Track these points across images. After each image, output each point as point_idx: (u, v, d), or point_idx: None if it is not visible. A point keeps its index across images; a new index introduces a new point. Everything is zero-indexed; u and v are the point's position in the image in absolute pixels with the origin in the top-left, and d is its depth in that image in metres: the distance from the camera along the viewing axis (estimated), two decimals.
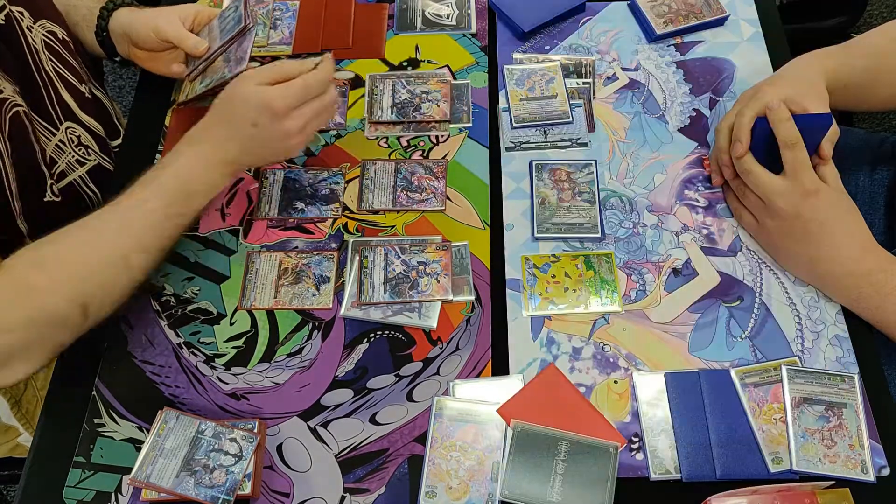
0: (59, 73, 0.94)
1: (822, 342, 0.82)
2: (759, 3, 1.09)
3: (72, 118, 0.97)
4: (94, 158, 1.00)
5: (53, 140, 0.93)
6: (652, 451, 0.76)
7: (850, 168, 1.10)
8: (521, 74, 1.03)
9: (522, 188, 0.94)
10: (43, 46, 0.92)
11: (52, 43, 0.94)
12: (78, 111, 0.97)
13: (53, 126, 0.94)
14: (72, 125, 0.96)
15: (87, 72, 1.03)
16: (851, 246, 0.80)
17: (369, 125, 1.00)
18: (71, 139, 0.96)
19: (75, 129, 0.96)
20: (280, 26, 1.10)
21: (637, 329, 0.83)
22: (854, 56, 0.91)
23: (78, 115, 0.97)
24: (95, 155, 1.01)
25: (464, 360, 0.82)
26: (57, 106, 0.93)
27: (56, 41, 0.95)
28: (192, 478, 0.73)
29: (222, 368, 0.83)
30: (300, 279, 0.88)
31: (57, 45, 0.95)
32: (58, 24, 0.97)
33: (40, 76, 0.92)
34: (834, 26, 1.47)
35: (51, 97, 0.93)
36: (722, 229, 0.90)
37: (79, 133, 0.97)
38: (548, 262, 0.88)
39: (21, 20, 0.90)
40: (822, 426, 0.75)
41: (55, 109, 0.93)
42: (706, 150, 0.96)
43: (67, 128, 0.95)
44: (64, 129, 0.94)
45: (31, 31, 0.91)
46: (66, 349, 0.85)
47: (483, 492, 0.74)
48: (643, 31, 1.08)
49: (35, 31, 0.91)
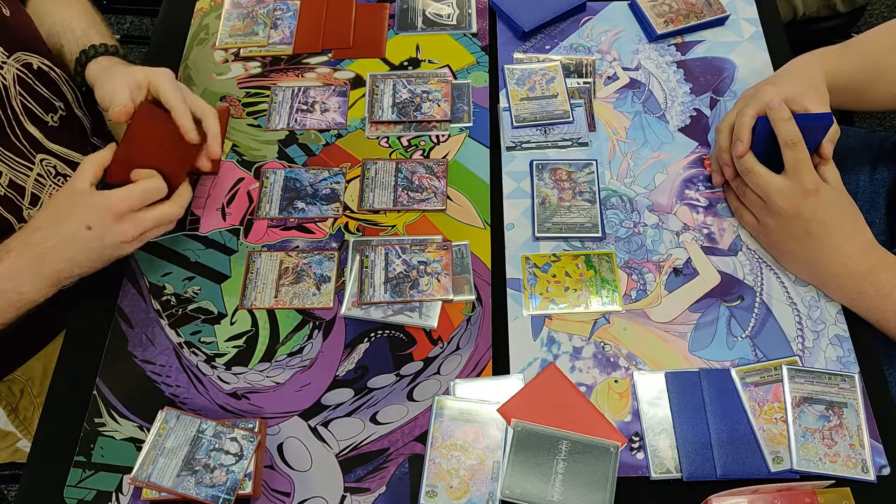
0: (26, 106, 0.91)
1: (822, 342, 0.82)
2: (759, 3, 1.09)
3: (42, 150, 0.93)
4: None
5: (32, 175, 0.91)
6: (652, 451, 0.76)
7: (851, 168, 1.10)
8: (522, 74, 1.03)
9: (523, 188, 0.94)
10: (14, 82, 0.89)
11: (25, 76, 0.91)
12: (45, 142, 0.94)
13: (28, 161, 0.91)
14: (45, 157, 0.93)
15: (73, 94, 0.99)
16: (852, 245, 0.80)
17: (370, 125, 1.00)
18: (48, 171, 0.93)
19: (49, 161, 0.94)
20: (281, 26, 1.10)
21: (637, 328, 0.83)
22: (854, 55, 0.91)
23: (46, 146, 0.94)
24: None
25: (464, 360, 0.82)
26: (25, 140, 0.91)
27: (30, 74, 0.92)
28: (192, 477, 0.73)
29: (223, 368, 0.83)
30: (301, 279, 0.88)
31: (30, 79, 0.92)
32: (36, 54, 0.93)
33: (5, 113, 0.89)
34: (834, 26, 1.47)
35: (16, 133, 0.90)
36: (722, 229, 0.90)
37: (53, 164, 0.94)
38: (548, 262, 0.88)
39: None
40: (823, 426, 0.75)
41: (23, 144, 0.90)
42: (707, 149, 0.96)
43: (42, 160, 0.92)
44: (39, 162, 0.92)
45: (3, 68, 0.88)
46: (67, 349, 0.85)
47: (483, 491, 0.74)
48: (644, 31, 1.08)
49: (8, 66, 0.89)
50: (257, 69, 1.06)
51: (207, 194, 0.95)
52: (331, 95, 1.03)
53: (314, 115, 1.01)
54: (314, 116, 1.01)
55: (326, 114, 1.01)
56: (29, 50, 0.93)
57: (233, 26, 1.10)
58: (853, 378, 0.77)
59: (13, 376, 1.00)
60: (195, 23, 1.12)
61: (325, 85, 1.04)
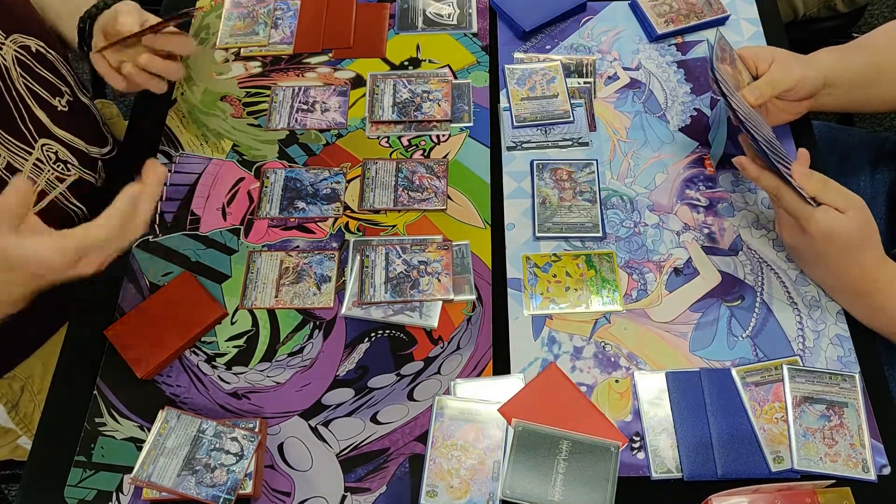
0: (31, 88, 0.91)
1: (823, 341, 0.82)
2: (759, 3, 1.09)
3: (46, 134, 0.93)
4: (73, 173, 0.97)
5: (30, 160, 0.90)
6: (653, 451, 0.76)
7: (851, 168, 1.10)
8: (522, 74, 1.03)
9: (523, 188, 0.94)
10: (14, 63, 0.90)
11: (25, 58, 0.91)
12: (52, 126, 0.94)
13: (28, 145, 0.91)
14: (47, 142, 0.93)
15: (72, 78, 1.00)
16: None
17: (370, 124, 1.00)
18: (48, 156, 0.93)
19: (52, 146, 0.93)
20: (281, 25, 1.10)
21: (638, 328, 0.83)
22: (854, 55, 0.91)
23: (52, 130, 0.94)
24: (76, 169, 0.97)
25: (465, 360, 0.82)
26: (30, 124, 0.91)
27: (29, 55, 0.92)
28: (193, 477, 0.73)
29: (223, 368, 0.83)
30: (301, 278, 0.88)
31: (29, 60, 0.92)
32: (31, 36, 0.93)
33: (10, 95, 0.89)
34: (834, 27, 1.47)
35: (23, 116, 0.90)
36: (723, 228, 0.90)
37: (55, 149, 0.94)
38: (549, 262, 0.88)
39: None
40: (824, 425, 0.75)
41: (28, 128, 0.90)
42: (707, 149, 0.96)
43: (43, 145, 0.92)
44: (40, 147, 0.91)
45: (2, 49, 0.88)
46: (67, 349, 0.85)
47: (484, 491, 0.74)
48: (644, 31, 1.08)
49: (6, 48, 0.89)
50: (258, 69, 1.06)
51: (208, 194, 0.95)
52: (331, 95, 1.03)
53: (314, 114, 1.01)
54: (314, 116, 1.01)
55: (327, 114, 1.01)
56: (25, 32, 0.93)
57: (233, 26, 1.10)
58: (854, 378, 0.77)
59: (13, 373, 1.00)
60: (195, 23, 1.12)
61: (326, 85, 1.04)
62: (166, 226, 0.93)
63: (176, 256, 0.90)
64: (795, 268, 0.87)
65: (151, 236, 0.92)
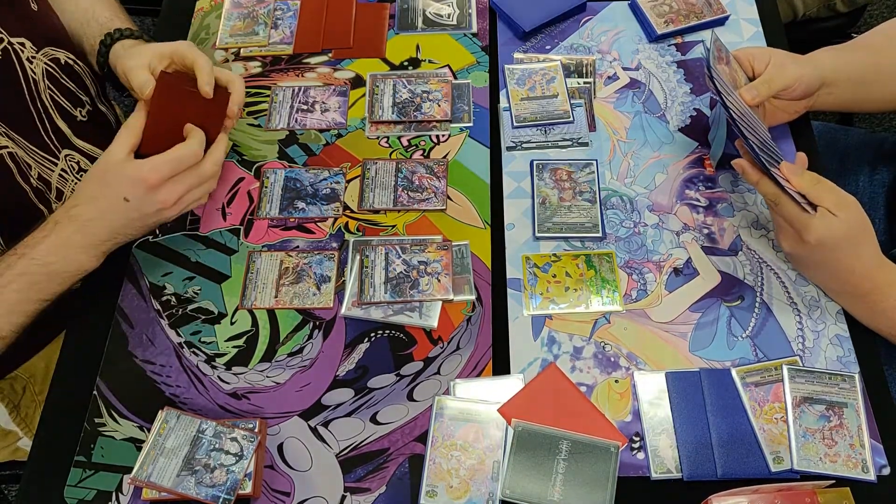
0: (56, 100, 0.92)
1: (822, 341, 0.82)
2: (759, 4, 1.09)
3: (68, 145, 0.95)
4: None
5: (56, 170, 0.92)
6: (653, 451, 0.76)
7: (851, 168, 1.10)
8: (522, 74, 1.03)
9: (523, 188, 0.94)
10: (43, 76, 0.91)
11: (54, 71, 0.92)
12: (73, 137, 0.95)
13: (53, 156, 0.92)
14: (70, 152, 0.95)
15: (95, 88, 1.00)
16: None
17: (370, 125, 1.00)
18: (71, 167, 0.94)
19: (73, 156, 0.95)
20: (281, 26, 1.10)
21: (638, 328, 0.83)
22: (853, 54, 0.91)
23: (73, 141, 0.95)
24: None
25: (464, 360, 0.82)
26: (53, 135, 0.92)
27: (58, 68, 0.93)
28: (192, 477, 0.73)
29: (223, 368, 0.83)
30: (301, 279, 0.88)
31: (57, 73, 0.93)
32: (62, 49, 0.95)
33: (35, 107, 0.90)
34: (834, 27, 1.47)
35: (45, 128, 0.91)
36: (723, 229, 0.90)
37: (77, 159, 0.95)
38: (549, 262, 0.88)
39: (21, 52, 0.88)
40: (823, 425, 0.75)
41: (51, 139, 0.92)
42: (707, 149, 0.96)
43: (66, 155, 0.93)
44: (63, 158, 0.93)
45: (33, 62, 0.89)
46: (67, 349, 0.85)
47: (484, 491, 0.74)
48: (644, 31, 1.08)
49: (37, 60, 0.90)
50: (257, 69, 1.06)
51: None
52: (331, 95, 1.03)
53: (314, 114, 1.01)
54: (314, 116, 1.01)
55: (326, 114, 1.01)
56: (56, 45, 0.94)
57: (233, 26, 1.10)
58: (853, 378, 0.77)
59: (15, 374, 1.00)
60: (195, 23, 1.12)
61: (326, 85, 1.04)
62: (166, 226, 0.93)
63: (176, 256, 0.90)
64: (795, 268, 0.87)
65: (151, 236, 0.92)
